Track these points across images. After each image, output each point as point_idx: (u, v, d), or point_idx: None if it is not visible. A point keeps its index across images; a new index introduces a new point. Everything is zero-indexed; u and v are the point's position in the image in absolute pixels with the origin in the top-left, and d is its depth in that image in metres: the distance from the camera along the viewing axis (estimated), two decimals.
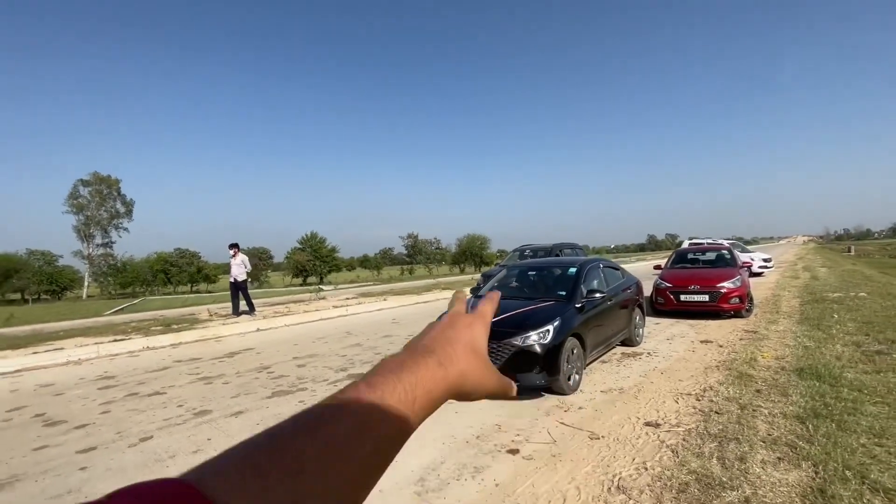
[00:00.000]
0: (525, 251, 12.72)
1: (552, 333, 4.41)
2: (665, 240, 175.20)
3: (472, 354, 0.42)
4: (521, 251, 12.89)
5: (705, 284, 8.38)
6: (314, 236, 58.22)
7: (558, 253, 11.94)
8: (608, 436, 3.55)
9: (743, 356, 5.58)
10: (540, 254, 12.09)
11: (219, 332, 9.01)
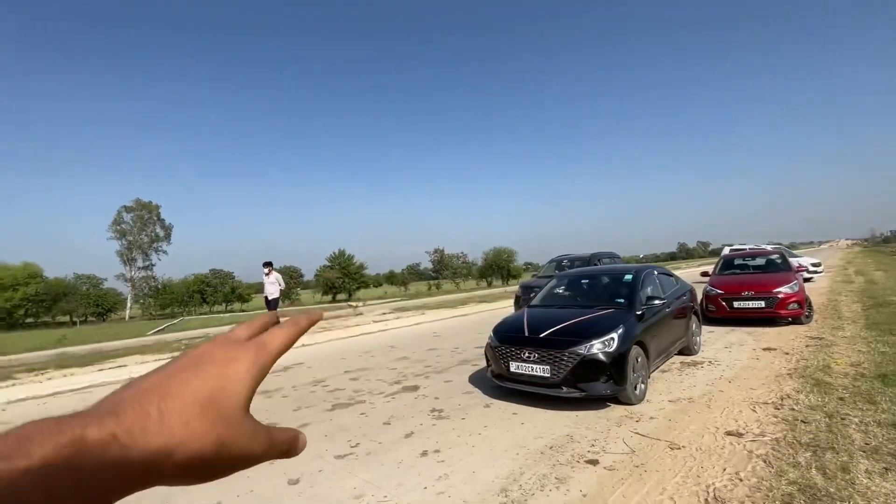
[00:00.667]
0: (563, 261, 12.47)
1: (617, 341, 4.32)
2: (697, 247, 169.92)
3: (207, 413, 0.28)
4: (558, 261, 12.64)
5: (760, 290, 8.06)
6: (342, 254, 59.26)
7: (596, 262, 11.62)
8: (689, 446, 3.42)
9: (815, 363, 5.32)
10: (577, 263, 11.78)
11: None
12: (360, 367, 7.09)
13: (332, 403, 5.21)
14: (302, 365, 7.66)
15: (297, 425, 4.45)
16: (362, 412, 4.81)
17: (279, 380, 6.64)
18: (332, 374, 6.74)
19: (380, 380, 6.20)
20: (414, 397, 5.25)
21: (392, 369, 6.81)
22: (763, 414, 3.93)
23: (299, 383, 6.33)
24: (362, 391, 5.68)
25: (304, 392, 5.83)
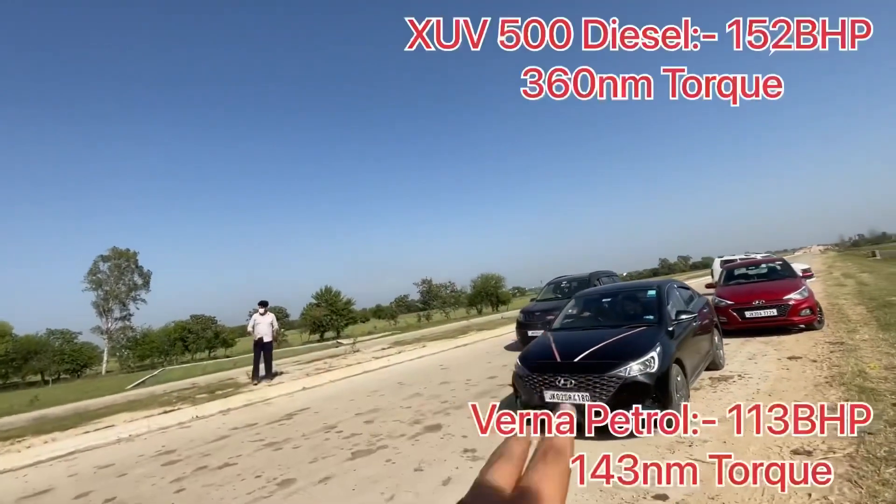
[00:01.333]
0: (561, 283, 12.07)
1: (657, 361, 4.10)
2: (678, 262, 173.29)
3: None
4: (556, 283, 12.19)
5: (770, 298, 8.00)
6: (329, 290, 58.26)
7: (596, 282, 11.34)
8: (759, 469, 3.16)
9: (849, 370, 5.17)
10: (574, 284, 11.52)
11: (266, 394, 8.66)
12: (371, 408, 6.65)
13: (352, 451, 4.79)
14: (308, 410, 7.17)
15: (319, 480, 4.04)
16: (387, 459, 4.40)
17: (285, 429, 6.16)
18: (343, 418, 6.28)
19: (397, 420, 5.79)
20: (440, 437, 4.87)
21: (407, 408, 6.40)
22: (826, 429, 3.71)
23: (309, 431, 5.86)
24: (381, 435, 5.26)
25: (318, 440, 5.37)
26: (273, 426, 6.42)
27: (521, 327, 10.37)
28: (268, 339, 10.03)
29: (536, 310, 10.40)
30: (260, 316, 10.07)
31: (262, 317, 10.06)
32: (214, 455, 5.35)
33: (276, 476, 4.35)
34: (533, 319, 10.07)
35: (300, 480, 4.15)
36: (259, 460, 4.93)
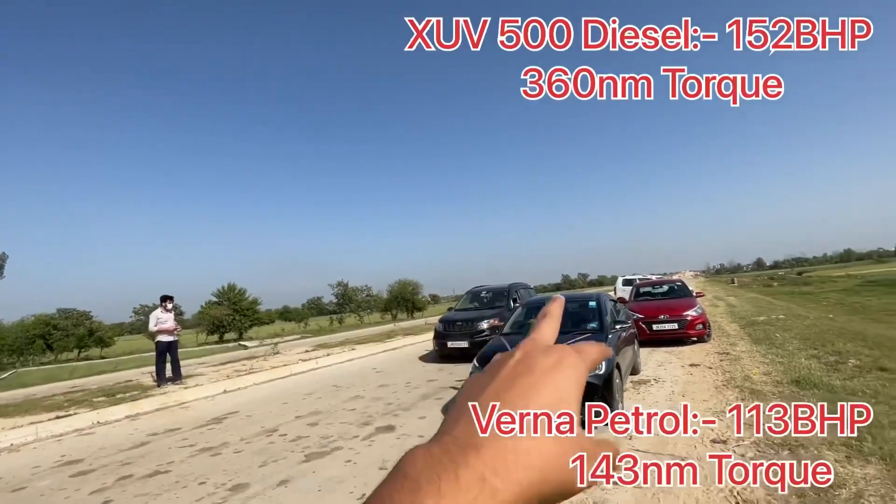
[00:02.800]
0: (480, 292, 11.97)
1: (604, 365, 4.60)
2: (577, 279, 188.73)
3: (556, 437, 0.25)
4: (475, 293, 12.09)
5: (673, 314, 9.26)
6: (232, 288, 53.69)
7: (515, 293, 11.55)
8: (689, 457, 3.72)
9: (737, 375, 6.22)
10: (492, 294, 11.60)
11: (181, 397, 7.87)
12: (311, 411, 6.43)
13: (304, 454, 4.62)
14: (237, 414, 6.70)
15: (276, 483, 3.89)
16: (347, 459, 4.34)
17: (218, 433, 5.72)
18: (283, 422, 6.00)
19: (344, 423, 5.68)
20: (396, 437, 4.91)
21: (351, 410, 6.30)
22: (728, 422, 4.45)
23: (247, 435, 5.51)
24: (331, 436, 5.14)
25: (261, 444, 5.09)
26: (202, 431, 5.90)
27: (440, 337, 9.87)
28: (174, 338, 9.09)
29: (457, 319, 10.11)
30: (165, 312, 9.06)
31: (168, 313, 9.08)
32: (137, 463, 4.80)
33: (225, 482, 4.06)
34: (453, 329, 9.81)
35: (255, 485, 3.93)
36: (197, 466, 4.54)
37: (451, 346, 9.51)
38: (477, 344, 8.91)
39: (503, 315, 9.66)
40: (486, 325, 9.52)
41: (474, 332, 9.42)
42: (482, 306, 11.19)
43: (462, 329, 9.64)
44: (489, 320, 9.65)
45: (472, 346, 9.11)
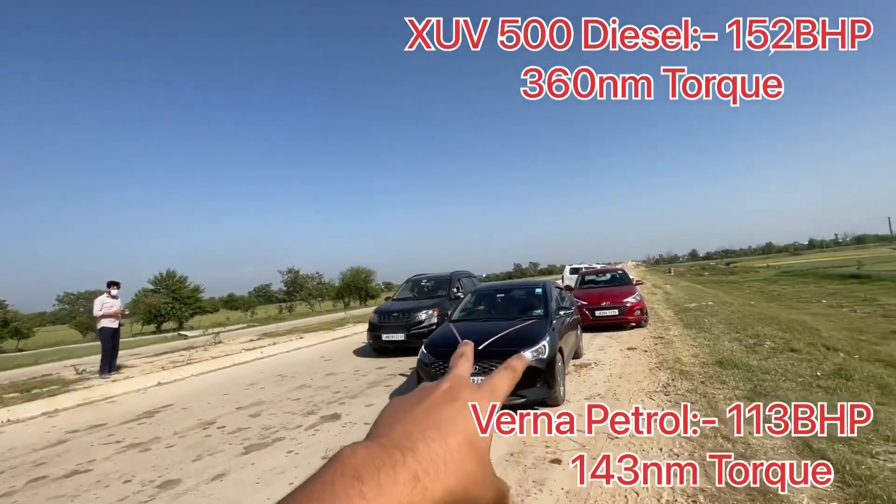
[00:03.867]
0: (420, 281, 11.25)
1: (547, 349, 4.75)
2: (528, 268, 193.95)
3: (471, 454, 0.29)
4: (415, 281, 11.33)
5: (614, 301, 9.73)
6: (171, 275, 50.62)
7: (457, 282, 10.76)
8: (622, 434, 3.94)
9: (669, 357, 6.64)
10: (433, 283, 10.86)
11: (109, 391, 7.31)
12: (253, 402, 6.19)
13: (243, 446, 4.44)
14: (172, 407, 6.32)
15: (211, 477, 3.71)
16: (289, 450, 4.22)
17: (149, 428, 5.37)
18: (222, 413, 5.73)
19: (288, 412, 5.52)
20: (341, 426, 4.83)
21: (296, 399, 6.13)
22: (660, 400, 4.75)
23: (182, 428, 5.21)
24: (273, 427, 4.98)
25: (196, 438, 4.83)
26: (130, 426, 5.52)
27: (375, 330, 9.06)
28: (118, 326, 8.55)
29: (394, 310, 9.31)
30: (111, 298, 8.47)
31: (114, 299, 8.49)
32: (53, 463, 4.41)
33: (153, 478, 3.82)
34: (388, 321, 9.02)
35: (187, 480, 3.72)
36: (122, 464, 4.24)
37: (385, 338, 8.80)
38: (414, 336, 8.40)
39: (443, 305, 9.26)
40: (424, 316, 8.85)
41: (411, 324, 8.74)
42: (422, 296, 10.53)
43: (398, 320, 8.92)
44: (428, 311, 8.98)
45: (410, 338, 8.52)
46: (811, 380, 4.89)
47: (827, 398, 4.28)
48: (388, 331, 8.83)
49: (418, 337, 8.13)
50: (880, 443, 3.29)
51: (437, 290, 10.51)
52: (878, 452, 3.13)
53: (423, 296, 10.48)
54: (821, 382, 4.77)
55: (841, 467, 2.92)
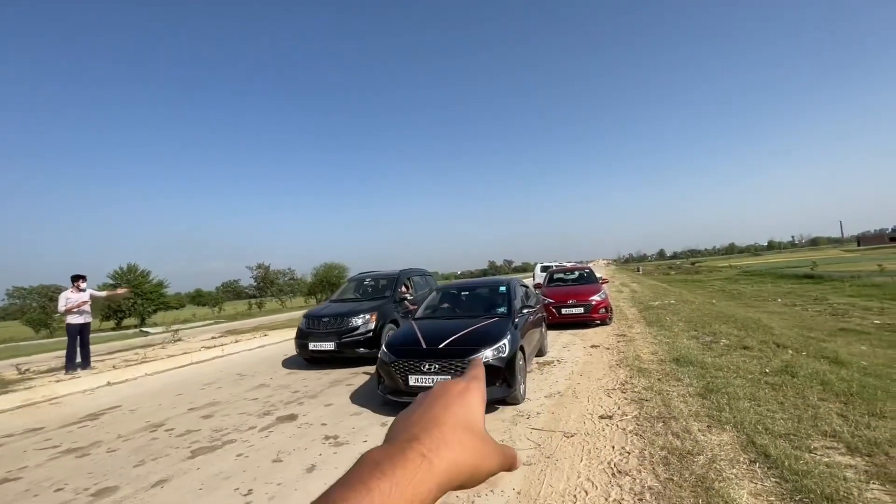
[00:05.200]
0: (364, 280, 10.09)
1: (508, 347, 4.73)
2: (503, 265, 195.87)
3: (466, 434, 0.36)
4: (358, 281, 10.17)
5: (580, 299, 9.87)
6: (133, 269, 48.60)
7: (407, 280, 9.70)
8: (578, 432, 3.96)
9: (630, 355, 6.77)
10: (379, 283, 9.70)
11: (53, 391, 6.89)
12: (208, 402, 5.96)
13: (191, 450, 4.25)
14: (119, 409, 6.02)
15: (151, 484, 3.53)
16: (238, 453, 4.05)
17: (90, 431, 5.09)
18: (173, 415, 5.49)
19: (243, 413, 5.33)
20: (297, 427, 4.69)
21: (253, 399, 5.93)
22: (617, 398, 4.81)
23: (127, 432, 4.96)
24: (225, 429, 4.79)
25: (141, 441, 4.60)
26: (70, 429, 5.21)
27: (301, 337, 7.84)
28: (86, 320, 8.15)
29: (324, 314, 7.96)
30: (76, 292, 8.05)
31: (80, 293, 8.06)
32: None
33: (88, 486, 3.60)
34: (317, 327, 7.78)
35: (125, 487, 3.52)
36: (57, 470, 3.98)
37: (313, 347, 7.58)
38: (347, 345, 7.40)
39: (385, 308, 8.11)
40: (360, 322, 7.58)
41: (343, 331, 7.50)
42: (364, 297, 9.26)
43: (329, 326, 7.67)
44: (364, 315, 7.69)
45: (341, 347, 7.41)
46: (760, 376, 5.06)
47: (773, 394, 4.44)
48: (316, 338, 7.63)
49: (352, 346, 7.41)
50: (819, 438, 3.41)
51: (381, 291, 9.31)
52: (815, 448, 3.24)
53: (366, 297, 9.23)
54: (768, 379, 4.93)
55: (780, 463, 3.00)
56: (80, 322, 8.08)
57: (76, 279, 8.11)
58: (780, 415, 3.90)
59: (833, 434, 3.42)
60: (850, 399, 4.12)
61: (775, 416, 3.86)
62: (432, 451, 0.32)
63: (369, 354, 7.27)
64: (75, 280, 8.11)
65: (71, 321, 7.99)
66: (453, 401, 0.39)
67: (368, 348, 7.44)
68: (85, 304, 8.12)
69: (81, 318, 8.10)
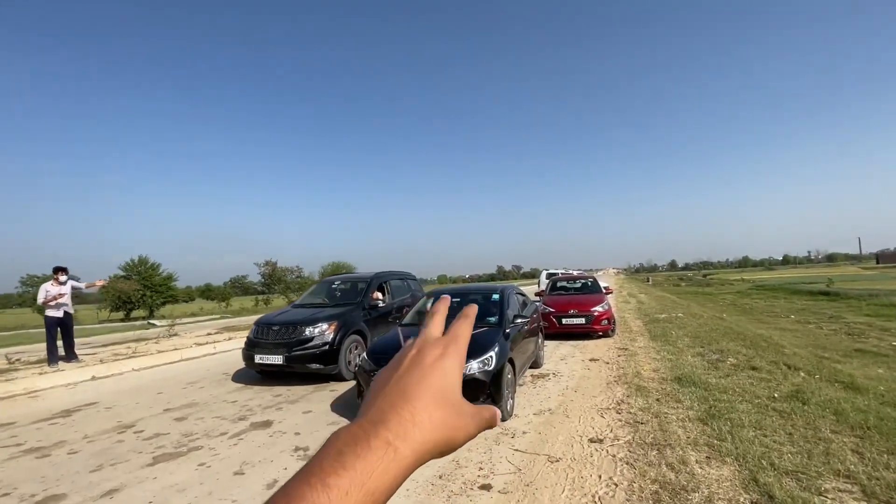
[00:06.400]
0: (333, 283, 9.04)
1: (495, 360, 4.44)
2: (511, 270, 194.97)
3: (438, 408, 0.33)
4: (327, 284, 9.10)
5: (582, 309, 9.51)
6: (143, 262, 49.23)
7: (384, 283, 8.68)
8: (564, 457, 3.65)
9: (630, 371, 6.41)
10: (350, 286, 8.51)
11: (33, 384, 6.76)
12: (186, 403, 5.75)
13: (153, 455, 4.02)
14: (95, 406, 5.84)
15: (101, 494, 3.31)
16: (201, 462, 3.82)
17: (59, 430, 4.90)
18: (146, 415, 5.28)
19: (217, 417, 5.10)
20: (268, 435, 4.44)
21: (232, 402, 5.71)
22: (610, 419, 4.48)
23: (94, 432, 4.76)
24: (195, 434, 4.56)
25: (106, 443, 4.39)
26: (40, 426, 5.03)
27: (250, 347, 6.76)
28: (62, 314, 8.03)
29: (275, 322, 6.88)
30: (56, 285, 7.94)
31: (60, 286, 7.95)
32: None
33: (36, 492, 3.38)
34: (266, 336, 6.67)
35: (73, 496, 3.30)
36: (11, 472, 3.78)
37: (259, 360, 6.51)
38: (297, 359, 6.34)
39: (348, 317, 7.01)
40: (315, 332, 6.50)
41: (293, 343, 6.42)
42: (331, 302, 8.14)
43: (278, 336, 6.58)
44: (321, 325, 6.60)
45: (290, 361, 6.36)
46: (768, 402, 4.69)
47: (781, 423, 4.08)
48: (263, 350, 6.54)
49: (304, 360, 6.34)
50: (830, 477, 3.06)
51: (351, 297, 8.05)
52: (826, 490, 2.90)
53: (333, 303, 8.04)
54: (777, 405, 4.56)
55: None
56: (57, 315, 7.97)
57: (56, 271, 8.00)
58: (788, 448, 3.55)
59: (847, 474, 3.07)
60: (867, 433, 3.75)
61: (783, 449, 3.51)
62: (399, 436, 0.30)
63: (324, 371, 6.36)
64: (56, 272, 7.99)
65: (49, 314, 7.90)
66: (427, 371, 0.35)
67: (323, 364, 6.34)
68: (63, 297, 7.98)
69: (59, 312, 7.98)
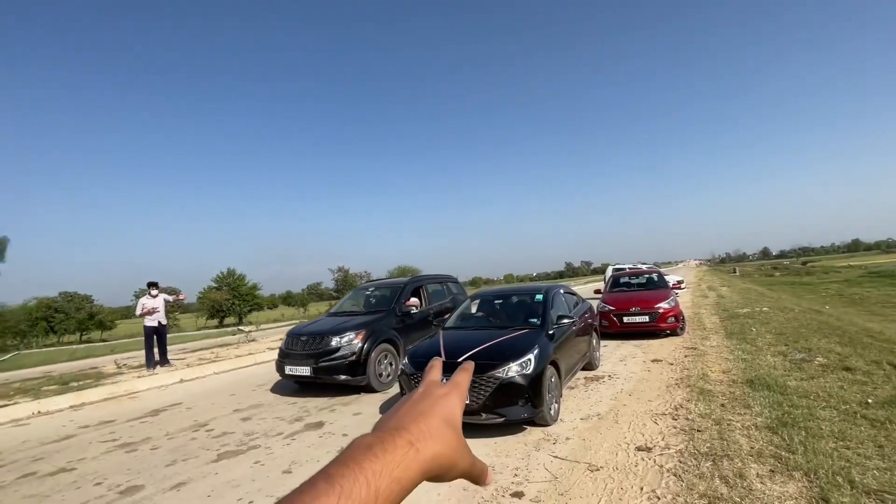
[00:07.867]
0: (367, 290, 8.89)
1: (534, 363, 4.31)
2: (581, 267, 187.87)
3: (448, 428, 0.39)
4: (361, 291, 9.05)
5: (645, 306, 8.92)
6: (232, 273, 54.30)
7: (419, 289, 8.34)
8: (606, 466, 3.45)
9: (695, 372, 5.90)
10: (384, 293, 8.22)
11: (133, 386, 7.73)
12: (253, 404, 6.24)
13: (218, 452, 4.41)
14: (179, 406, 6.52)
15: (172, 486, 3.67)
16: (256, 460, 4.12)
17: (147, 427, 5.54)
18: (219, 415, 5.81)
19: (277, 418, 5.48)
20: (318, 436, 4.69)
21: (292, 404, 6.10)
22: (664, 426, 4.16)
23: (175, 430, 5.32)
24: (255, 433, 4.93)
25: (182, 440, 4.89)
26: (133, 424, 5.73)
27: (282, 358, 6.70)
28: (164, 322, 9.17)
29: (304, 333, 6.81)
30: (150, 298, 9.06)
31: (154, 299, 9.06)
32: (49, 459, 4.62)
33: (121, 483, 3.86)
34: (295, 347, 6.60)
35: (149, 487, 3.72)
36: (105, 464, 4.35)
37: (289, 371, 6.47)
38: (324, 370, 6.19)
39: (377, 326, 6.75)
40: (343, 342, 6.30)
41: (321, 354, 6.28)
42: (366, 310, 7.93)
43: (306, 347, 6.49)
44: (348, 335, 6.40)
45: (317, 372, 6.23)
46: (858, 408, 4.08)
47: (870, 433, 3.53)
48: (293, 360, 6.49)
49: (330, 371, 6.16)
50: None
51: (384, 304, 7.83)
52: None
53: (370, 309, 7.86)
54: (869, 412, 3.95)
55: None
56: (152, 325, 8.99)
57: (150, 286, 9.05)
58: (876, 462, 3.07)
59: None
60: None
61: (867, 464, 3.04)
62: (419, 440, 0.34)
63: (352, 382, 6.18)
64: (150, 286, 9.05)
65: (146, 324, 8.94)
66: (436, 401, 0.41)
67: (351, 375, 6.15)
68: (157, 309, 9.00)
69: (154, 322, 9.00)
